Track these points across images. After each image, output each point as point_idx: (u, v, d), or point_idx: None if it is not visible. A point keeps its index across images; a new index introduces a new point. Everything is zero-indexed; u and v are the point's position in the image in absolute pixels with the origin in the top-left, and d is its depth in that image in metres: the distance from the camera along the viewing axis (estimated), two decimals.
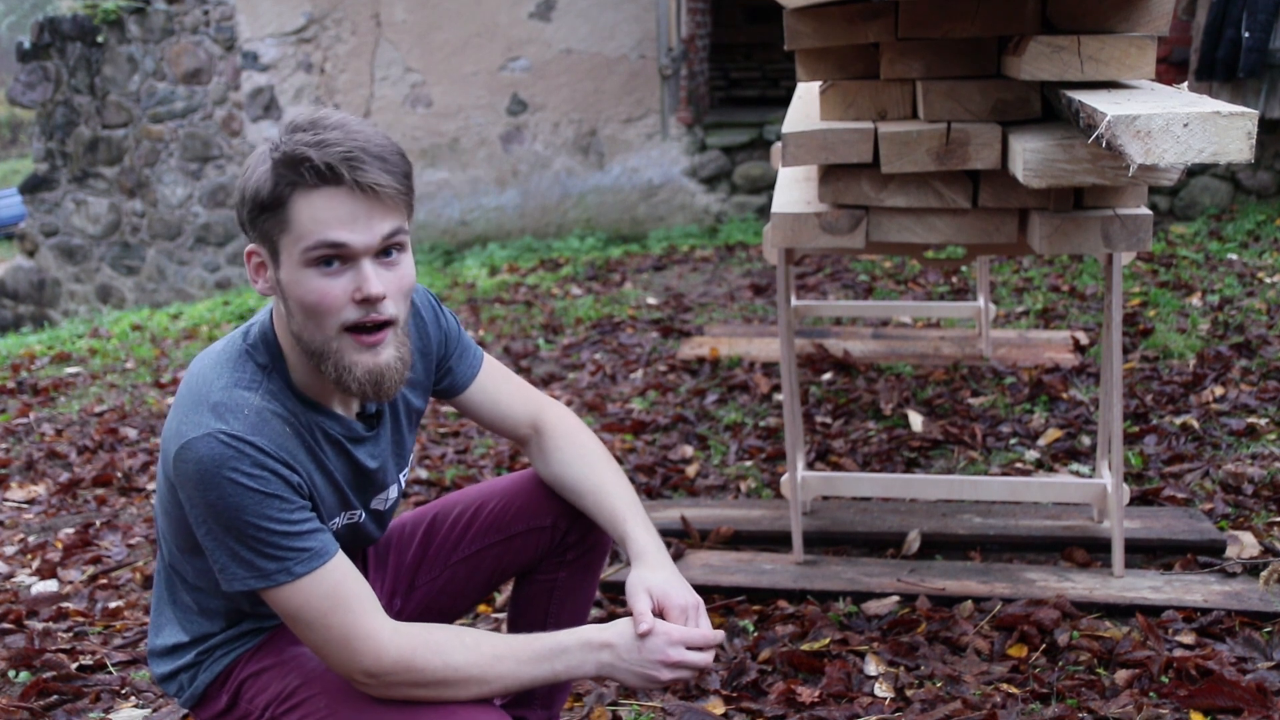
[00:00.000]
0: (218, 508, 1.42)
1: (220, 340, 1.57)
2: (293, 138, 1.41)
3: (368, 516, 1.70)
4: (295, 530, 1.44)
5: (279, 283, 1.47)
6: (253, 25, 7.85)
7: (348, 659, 1.46)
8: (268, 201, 1.42)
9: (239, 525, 1.42)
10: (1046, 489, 2.81)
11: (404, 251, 1.48)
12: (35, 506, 3.62)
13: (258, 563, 1.44)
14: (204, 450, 1.41)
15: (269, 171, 1.42)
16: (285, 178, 1.40)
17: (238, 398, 1.46)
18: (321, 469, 1.55)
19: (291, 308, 1.46)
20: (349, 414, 1.60)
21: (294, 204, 1.41)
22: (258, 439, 1.43)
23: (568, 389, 4.32)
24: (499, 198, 7.83)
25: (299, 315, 1.46)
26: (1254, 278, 5.00)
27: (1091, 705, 2.15)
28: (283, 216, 1.42)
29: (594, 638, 1.53)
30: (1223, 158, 1.62)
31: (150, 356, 5.41)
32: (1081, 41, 2.00)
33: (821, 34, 2.31)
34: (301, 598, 1.45)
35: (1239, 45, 5.95)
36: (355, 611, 1.45)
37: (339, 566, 1.47)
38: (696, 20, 7.81)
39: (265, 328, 1.54)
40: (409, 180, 1.47)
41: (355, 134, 1.42)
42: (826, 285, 5.53)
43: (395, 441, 1.70)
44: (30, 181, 8.48)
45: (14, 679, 2.51)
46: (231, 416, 1.43)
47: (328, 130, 1.41)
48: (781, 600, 2.64)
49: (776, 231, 2.46)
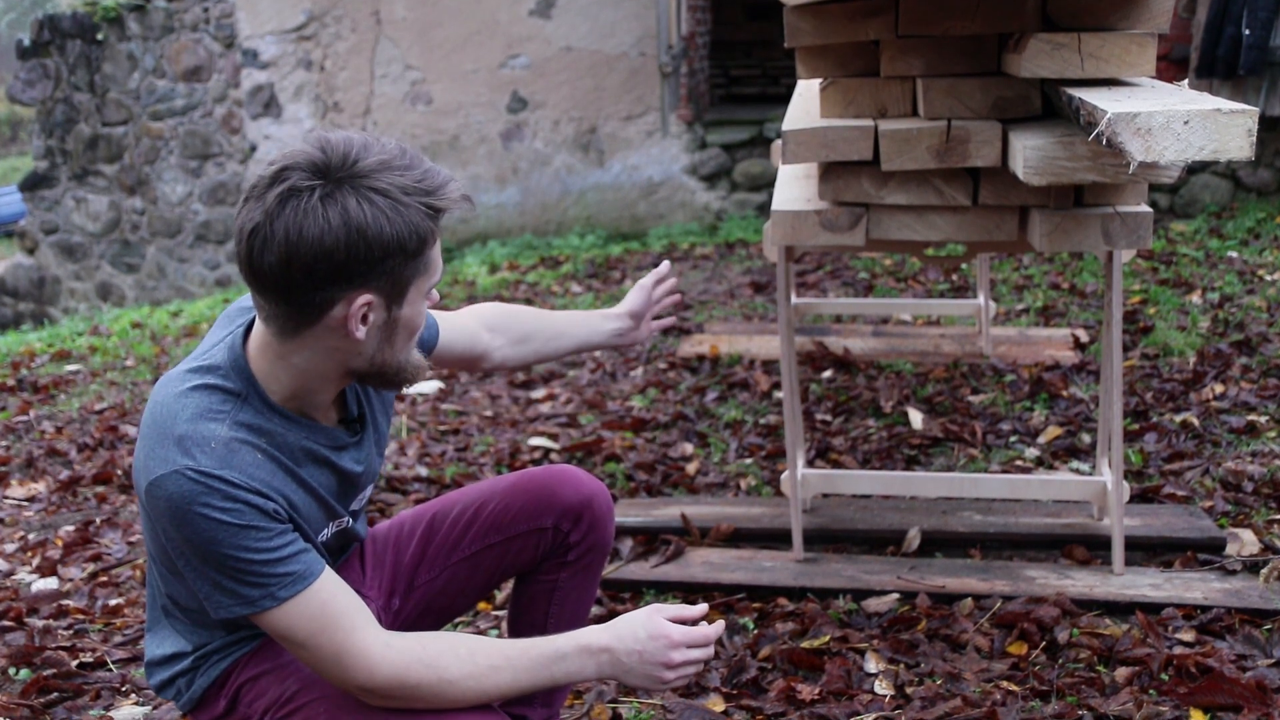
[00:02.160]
0: (194, 542, 1.41)
1: (180, 366, 1.53)
2: (419, 183, 1.42)
3: (354, 520, 1.70)
4: (275, 557, 1.43)
5: (391, 322, 1.48)
6: (252, 23, 7.85)
7: (341, 675, 1.46)
8: (417, 249, 1.43)
9: (217, 557, 1.41)
10: (1046, 487, 2.81)
11: None
12: (35, 504, 3.62)
13: (241, 591, 1.43)
14: (173, 488, 1.39)
15: (416, 221, 1.41)
16: (428, 224, 1.43)
17: (204, 430, 1.42)
18: (303, 487, 1.53)
19: (396, 339, 1.49)
20: (331, 424, 1.59)
21: (433, 246, 1.46)
22: (226, 472, 1.40)
23: (568, 386, 4.33)
24: (499, 195, 7.83)
25: (402, 341, 1.50)
26: (1254, 275, 5.00)
27: (1091, 703, 2.15)
28: (426, 259, 1.46)
29: (592, 642, 1.52)
30: (1223, 155, 1.62)
31: (150, 354, 5.41)
32: (1082, 39, 2.00)
33: (822, 31, 2.31)
34: (289, 620, 1.44)
35: (1239, 43, 5.95)
36: (345, 629, 1.44)
37: (325, 586, 1.46)
38: (697, 17, 7.81)
39: (237, 353, 1.50)
40: None
41: (430, 167, 1.46)
42: (827, 283, 5.53)
43: (376, 440, 1.70)
44: (30, 179, 8.48)
45: (14, 676, 2.51)
46: (198, 450, 1.40)
47: (414, 168, 1.43)
48: (781, 598, 2.64)
49: (777, 229, 2.46)
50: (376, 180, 1.39)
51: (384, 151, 1.41)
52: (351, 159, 1.39)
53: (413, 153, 1.45)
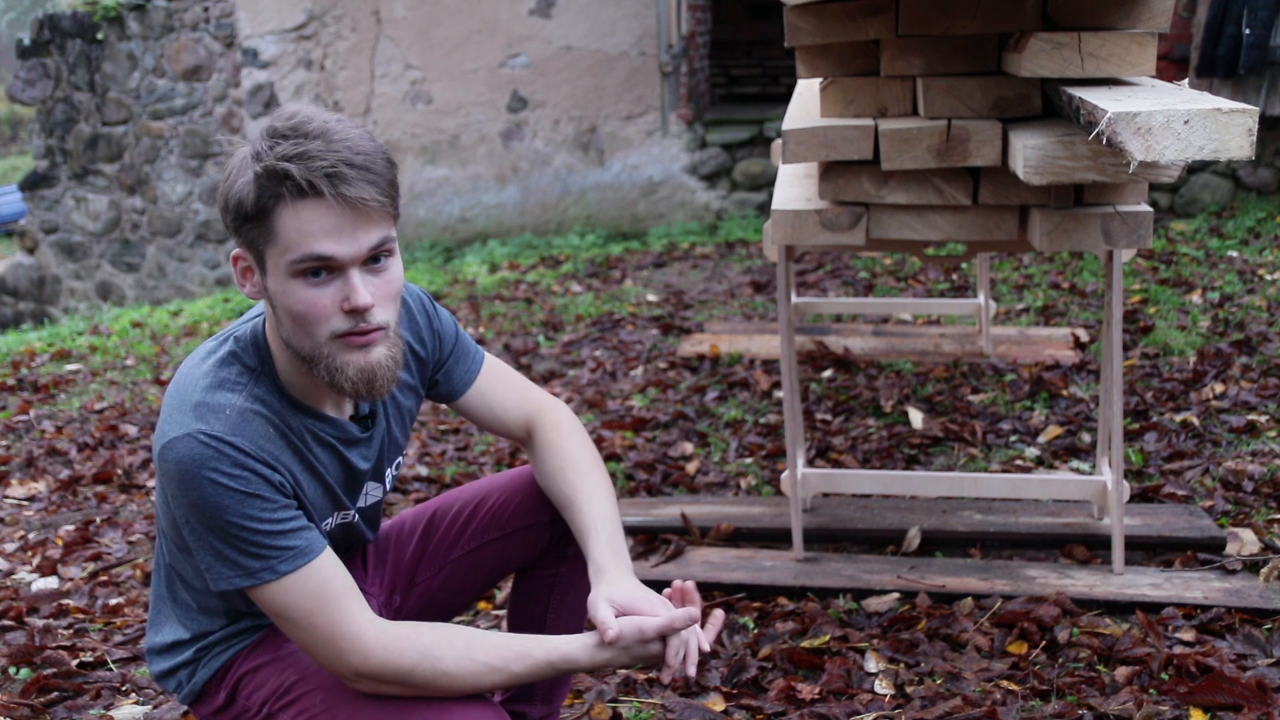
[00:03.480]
0: (200, 507, 1.42)
1: (209, 340, 1.57)
2: (274, 149, 1.38)
3: (359, 516, 1.70)
4: (278, 529, 1.44)
5: (266, 289, 1.46)
6: (253, 22, 7.84)
7: (334, 657, 1.46)
8: (252, 213, 1.40)
9: (221, 525, 1.42)
10: (1047, 486, 2.81)
11: (392, 256, 1.47)
12: (36, 503, 3.62)
13: (242, 561, 1.44)
14: (184, 450, 1.41)
15: (251, 183, 1.39)
16: (268, 190, 1.38)
17: (220, 399, 1.46)
18: (310, 470, 1.55)
19: (280, 315, 1.46)
20: (341, 415, 1.60)
21: (278, 216, 1.39)
22: (237, 439, 1.43)
23: (568, 386, 4.32)
24: (499, 195, 7.83)
25: (288, 323, 1.45)
26: (1254, 275, 5.00)
27: (1091, 702, 2.15)
28: (268, 228, 1.40)
29: (592, 640, 1.52)
30: (1223, 155, 1.62)
31: (150, 353, 5.41)
32: (1082, 38, 1.99)
33: (822, 30, 2.31)
34: (287, 596, 1.45)
35: (1239, 42, 5.95)
36: (341, 610, 1.45)
37: (325, 565, 1.47)
38: (697, 17, 7.81)
39: (257, 329, 1.54)
40: (394, 188, 1.45)
41: (337, 144, 1.38)
42: (827, 282, 5.53)
43: (388, 442, 1.69)
44: (30, 178, 8.47)
45: (14, 676, 2.51)
46: (212, 417, 1.43)
47: (310, 140, 1.38)
48: (781, 597, 2.64)
49: (777, 228, 2.46)
50: (256, 143, 1.41)
51: (308, 121, 1.40)
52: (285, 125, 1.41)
53: (321, 122, 1.40)
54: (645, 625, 1.50)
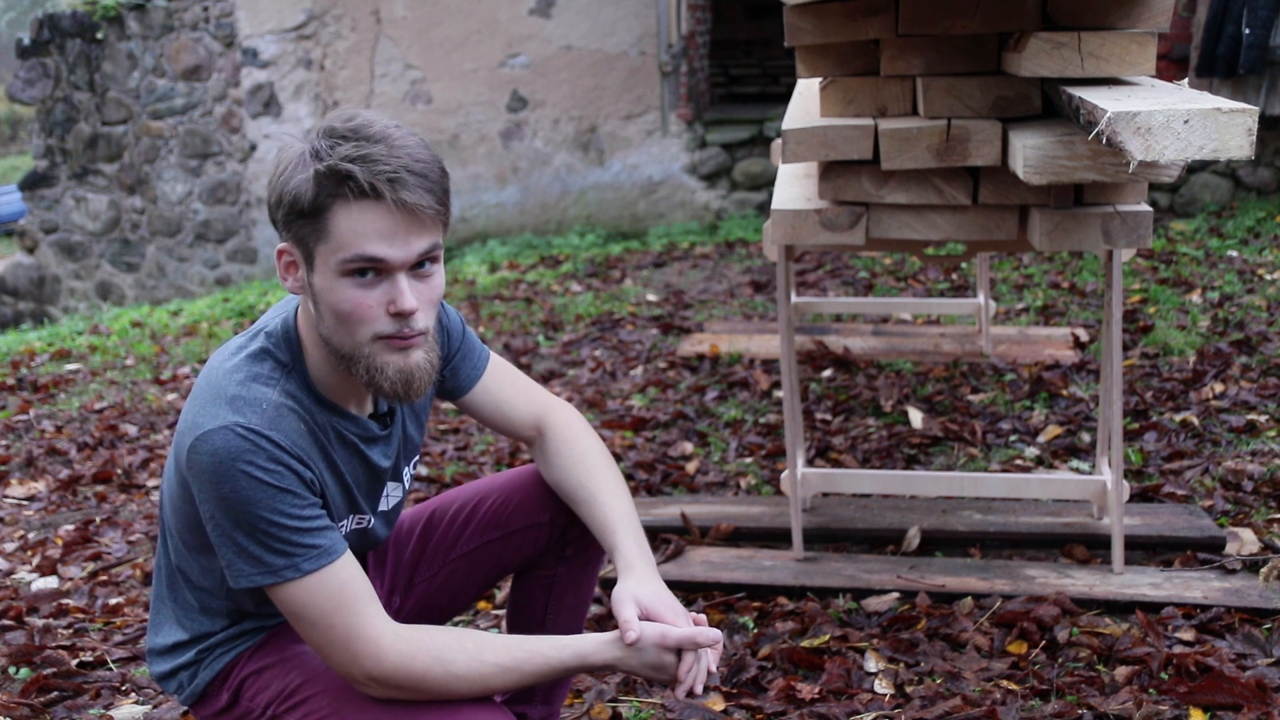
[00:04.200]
0: (230, 500, 1.42)
1: (240, 335, 1.57)
2: (335, 149, 1.40)
3: (376, 520, 1.70)
4: (306, 527, 1.45)
5: (310, 285, 1.47)
6: (252, 22, 7.84)
7: (348, 660, 1.46)
8: (308, 210, 1.41)
9: (250, 519, 1.42)
10: (1046, 486, 2.81)
11: (437, 264, 1.48)
12: (35, 503, 3.62)
13: (266, 558, 1.44)
14: (219, 442, 1.41)
15: (310, 180, 1.40)
16: (327, 189, 1.40)
17: (255, 392, 1.47)
18: (333, 469, 1.56)
19: (323, 312, 1.47)
20: (363, 414, 1.61)
21: (334, 214, 1.41)
22: (274, 433, 1.44)
23: (568, 386, 4.32)
24: (499, 194, 7.83)
25: (330, 320, 1.46)
26: (1254, 274, 5.00)
27: (1091, 702, 2.15)
28: (321, 225, 1.42)
29: (607, 639, 1.53)
30: (1223, 154, 1.62)
31: (150, 353, 5.41)
32: (1082, 38, 2.00)
33: (822, 30, 2.31)
34: (307, 596, 1.45)
35: (1239, 42, 5.95)
36: (359, 613, 1.45)
37: (346, 566, 1.47)
38: (697, 16, 7.81)
39: (289, 325, 1.54)
40: (448, 196, 1.47)
41: (399, 150, 1.40)
42: (826, 282, 5.53)
43: (406, 439, 1.70)
44: (30, 178, 8.47)
45: (14, 675, 2.51)
46: (249, 410, 1.44)
47: (372, 144, 1.40)
48: (781, 597, 2.64)
49: (777, 228, 2.46)
50: (316, 141, 1.42)
51: (369, 125, 1.42)
52: (346, 127, 1.42)
53: (382, 126, 1.42)
54: (669, 634, 1.51)
